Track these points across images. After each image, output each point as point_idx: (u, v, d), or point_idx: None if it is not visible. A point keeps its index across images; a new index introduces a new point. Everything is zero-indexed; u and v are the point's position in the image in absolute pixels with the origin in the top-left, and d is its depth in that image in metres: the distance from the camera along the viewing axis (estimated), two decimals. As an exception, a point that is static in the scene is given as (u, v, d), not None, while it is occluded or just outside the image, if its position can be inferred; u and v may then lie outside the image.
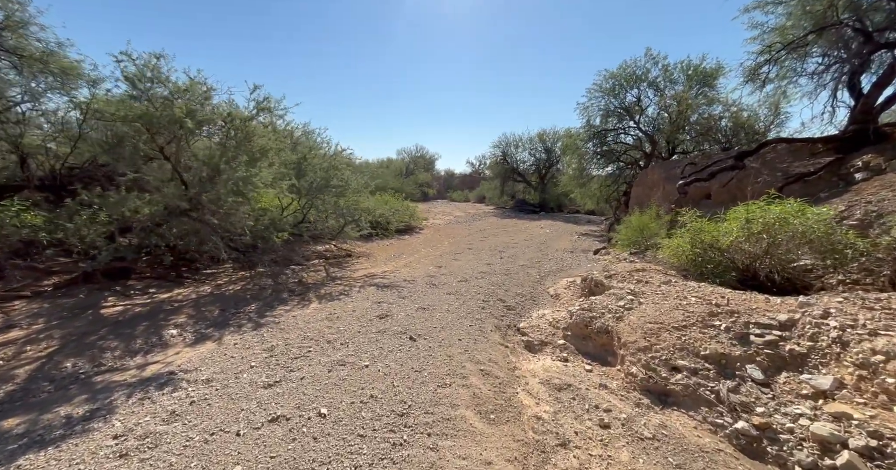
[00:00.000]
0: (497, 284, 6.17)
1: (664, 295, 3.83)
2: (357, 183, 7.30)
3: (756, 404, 2.36)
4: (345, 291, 5.59)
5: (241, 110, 4.66)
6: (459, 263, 7.79)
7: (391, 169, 31.51)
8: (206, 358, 3.23)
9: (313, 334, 3.88)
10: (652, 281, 4.30)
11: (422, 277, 6.51)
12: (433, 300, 5.17)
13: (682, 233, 4.81)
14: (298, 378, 2.93)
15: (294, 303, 5.00)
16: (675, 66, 12.21)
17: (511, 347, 3.95)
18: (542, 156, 24.79)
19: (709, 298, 3.49)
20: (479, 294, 5.51)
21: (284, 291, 5.51)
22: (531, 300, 5.54)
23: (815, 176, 6.52)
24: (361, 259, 8.18)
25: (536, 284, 6.49)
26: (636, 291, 4.09)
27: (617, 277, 4.70)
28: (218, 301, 4.81)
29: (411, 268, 7.36)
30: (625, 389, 2.97)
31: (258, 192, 4.81)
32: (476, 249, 9.66)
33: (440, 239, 11.68)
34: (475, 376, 3.06)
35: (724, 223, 4.67)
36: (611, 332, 3.61)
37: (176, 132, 4.20)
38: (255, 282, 5.72)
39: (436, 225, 15.93)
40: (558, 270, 7.64)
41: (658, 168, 10.56)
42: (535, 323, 4.51)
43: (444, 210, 22.91)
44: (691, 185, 8.03)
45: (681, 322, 3.23)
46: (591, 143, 14.63)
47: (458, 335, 3.94)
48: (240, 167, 4.35)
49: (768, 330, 2.84)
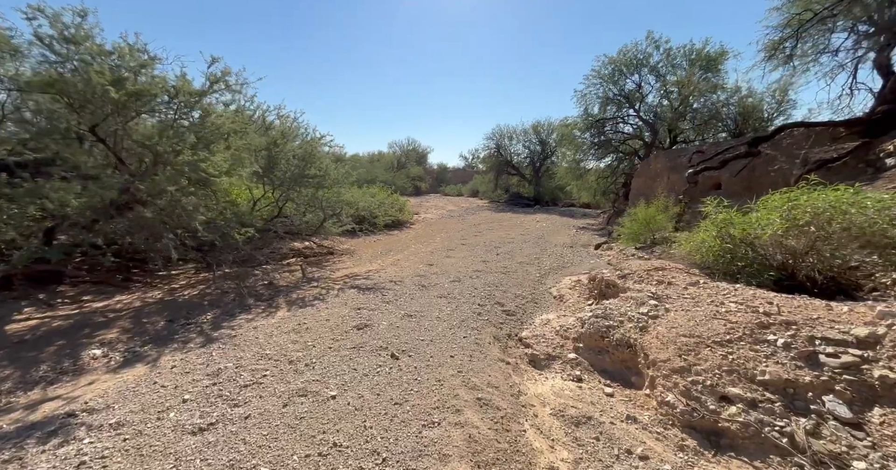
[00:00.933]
0: (494, 284, 5.53)
1: (694, 300, 3.22)
2: (337, 173, 6.56)
3: (851, 456, 1.75)
4: (320, 296, 4.89)
5: (191, 84, 3.90)
6: (452, 261, 7.13)
7: (382, 162, 30.66)
8: (128, 389, 2.53)
9: (274, 352, 3.19)
10: (675, 282, 3.69)
11: (410, 278, 5.84)
12: (422, 305, 4.51)
13: (706, 225, 4.19)
14: (242, 417, 2.25)
15: (259, 310, 4.30)
16: (677, 50, 11.59)
17: (513, 363, 3.31)
18: (537, 148, 24.13)
19: (753, 305, 2.88)
20: (474, 297, 4.86)
21: (250, 295, 4.79)
22: (532, 303, 4.91)
23: (839, 162, 5.96)
24: (344, 257, 7.47)
25: (537, 283, 5.86)
26: (659, 294, 3.47)
27: (632, 276, 4.09)
28: (167, 309, 4.08)
29: (399, 267, 6.68)
30: (660, 424, 2.35)
31: (216, 180, 4.08)
32: (470, 244, 9.01)
33: (432, 234, 11.00)
34: (471, 409, 2.41)
35: (753, 214, 4.07)
36: (634, 346, 2.99)
37: (105, 107, 3.44)
38: (218, 285, 4.99)
39: (428, 219, 15.24)
40: (559, 267, 7.03)
41: (662, 157, 9.98)
42: (539, 331, 3.88)
43: (437, 204, 22.20)
44: (700, 175, 7.44)
45: (724, 335, 2.61)
46: (589, 133, 14.00)
47: (451, 350, 3.29)
48: (185, 150, 3.61)
49: (842, 348, 2.23)
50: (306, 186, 6.61)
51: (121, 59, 3.58)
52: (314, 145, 6.27)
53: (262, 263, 5.98)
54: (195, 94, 3.93)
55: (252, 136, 5.09)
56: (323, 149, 7.85)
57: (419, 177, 32.26)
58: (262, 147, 5.70)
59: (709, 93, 10.72)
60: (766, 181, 6.84)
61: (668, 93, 12.06)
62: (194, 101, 3.97)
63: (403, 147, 37.36)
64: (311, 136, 6.77)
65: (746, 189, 7.22)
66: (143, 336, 3.41)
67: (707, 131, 12.36)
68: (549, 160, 23.77)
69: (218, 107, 4.91)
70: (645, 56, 11.90)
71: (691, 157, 8.46)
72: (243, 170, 4.48)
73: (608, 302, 3.77)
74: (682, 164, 9.16)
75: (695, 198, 7.87)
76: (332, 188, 6.66)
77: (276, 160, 5.97)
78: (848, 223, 3.12)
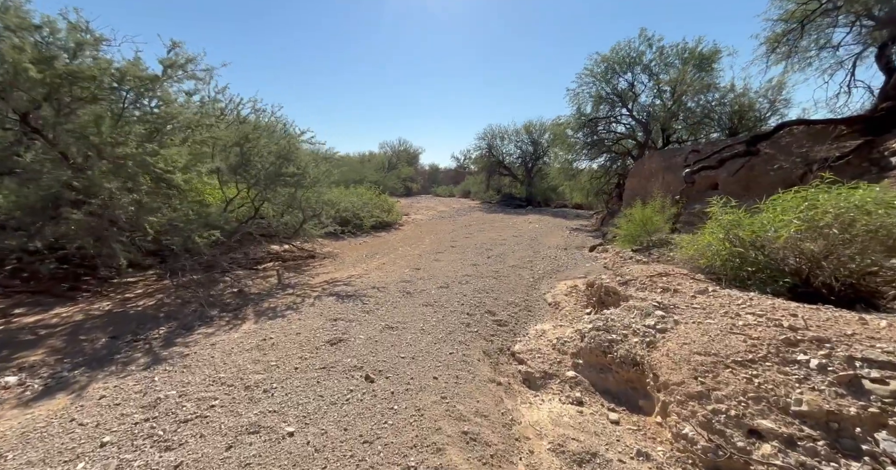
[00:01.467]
0: (484, 289, 5.15)
1: (706, 311, 2.88)
2: (317, 172, 6.12)
3: (924, 517, 1.41)
4: (294, 305, 4.46)
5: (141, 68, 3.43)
6: (441, 264, 6.74)
7: (373, 162, 30.13)
8: (35, 429, 2.08)
9: (229, 375, 2.76)
10: (682, 290, 3.36)
11: (395, 283, 5.43)
12: (405, 315, 4.10)
13: (711, 227, 3.88)
14: (171, 467, 1.83)
15: (222, 323, 3.85)
16: (670, 48, 11.41)
17: (505, 382, 2.93)
18: (529, 148, 23.88)
19: (774, 317, 2.55)
20: (462, 305, 4.47)
21: (215, 305, 4.33)
22: (526, 311, 4.55)
23: (842, 161, 5.74)
24: (326, 261, 7.02)
25: (530, 288, 5.50)
26: (665, 303, 3.13)
27: (634, 283, 3.75)
28: (113, 323, 3.60)
29: (384, 271, 6.27)
30: (679, 464, 1.99)
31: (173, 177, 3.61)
32: (460, 247, 8.62)
33: (421, 236, 10.60)
34: (455, 446, 2.02)
35: (761, 215, 3.77)
36: (641, 363, 2.64)
37: (34, 91, 2.96)
38: (180, 293, 4.51)
39: (417, 221, 14.83)
40: (553, 270, 6.69)
41: (657, 157, 9.74)
42: (533, 345, 3.51)
43: (428, 205, 21.79)
44: (697, 174, 7.19)
45: (745, 354, 2.27)
46: (582, 133, 13.76)
47: (434, 369, 2.89)
48: (129, 143, 3.15)
49: (890, 372, 1.90)
50: (284, 186, 6.16)
51: (52, 35, 3.11)
52: (291, 141, 5.82)
53: (232, 269, 5.51)
54: (146, 81, 3.47)
55: (217, 129, 4.63)
56: (304, 146, 7.43)
57: (410, 177, 31.82)
58: (233, 142, 5.24)
59: (702, 92, 10.54)
60: (766, 181, 6.61)
61: (661, 92, 11.88)
62: (146, 88, 3.51)
63: (395, 147, 36.86)
64: (290, 131, 6.32)
65: (745, 189, 6.99)
66: (76, 357, 2.94)
67: (700, 131, 12.20)
68: (540, 160, 23.55)
69: (181, 97, 4.45)
70: (638, 54, 11.70)
71: (687, 156, 8.22)
72: (203, 166, 4.03)
73: (609, 312, 3.42)
74: (677, 164, 8.93)
75: (692, 198, 7.63)
76: (311, 188, 6.22)
77: (249, 157, 5.51)
78: (874, 225, 2.82)
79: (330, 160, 7.11)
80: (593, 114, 13.37)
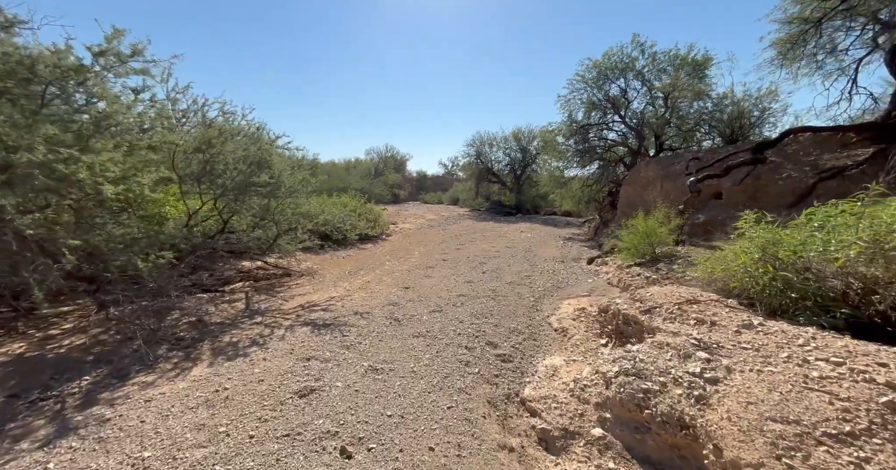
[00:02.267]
0: (482, 313, 4.57)
1: (761, 354, 2.37)
2: (292, 181, 5.47)
3: None
4: (261, 338, 3.77)
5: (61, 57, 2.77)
6: (432, 282, 6.13)
7: (359, 169, 29.40)
8: None
9: (158, 453, 2.08)
10: (720, 322, 2.85)
11: (381, 307, 4.79)
12: (393, 350, 3.48)
13: (743, 245, 3.41)
14: None
15: (168, 366, 3.14)
16: (662, 54, 11.24)
17: (518, 446, 2.34)
18: (518, 155, 23.64)
19: (858, 367, 2.05)
20: (459, 335, 3.87)
21: (165, 340, 3.61)
22: (531, 340, 3.98)
23: (856, 170, 5.43)
24: (304, 280, 6.32)
25: (532, 310, 4.95)
26: (706, 342, 2.61)
27: (660, 311, 3.23)
28: (19, 373, 2.86)
29: (369, 291, 5.62)
30: None
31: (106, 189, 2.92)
32: (452, 260, 8.04)
33: (410, 247, 9.97)
34: None
35: (795, 230, 3.33)
36: (692, 426, 2.09)
37: None
38: (123, 327, 3.77)
39: (406, 230, 14.20)
40: (554, 287, 6.17)
41: (654, 164, 9.43)
42: (546, 389, 2.94)
43: (416, 213, 21.21)
44: (702, 183, 6.83)
45: (838, 423, 1.74)
46: (574, 140, 13.46)
47: (430, 434, 2.28)
48: (38, 146, 2.47)
49: None
50: (255, 196, 5.47)
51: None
52: (261, 146, 5.16)
53: (192, 292, 4.77)
54: (69, 71, 2.81)
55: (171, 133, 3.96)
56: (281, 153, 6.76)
57: (398, 184, 31.25)
58: (193, 148, 4.56)
59: (696, 98, 10.36)
60: (774, 190, 6.28)
61: (654, 98, 11.68)
62: (71, 80, 2.85)
63: (381, 154, 36.28)
64: (262, 136, 5.67)
65: (751, 198, 6.66)
66: (-51, 432, 2.21)
67: (692, 138, 12.04)
68: (529, 168, 23.31)
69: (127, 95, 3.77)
70: (630, 60, 11.49)
71: (688, 164, 7.90)
72: (146, 176, 3.34)
73: (636, 349, 2.87)
74: (676, 172, 8.61)
75: (695, 208, 7.26)
76: (287, 198, 5.56)
77: (214, 164, 4.83)
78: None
79: (307, 168, 6.46)
80: (585, 120, 13.10)
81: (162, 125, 4.65)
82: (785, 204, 6.02)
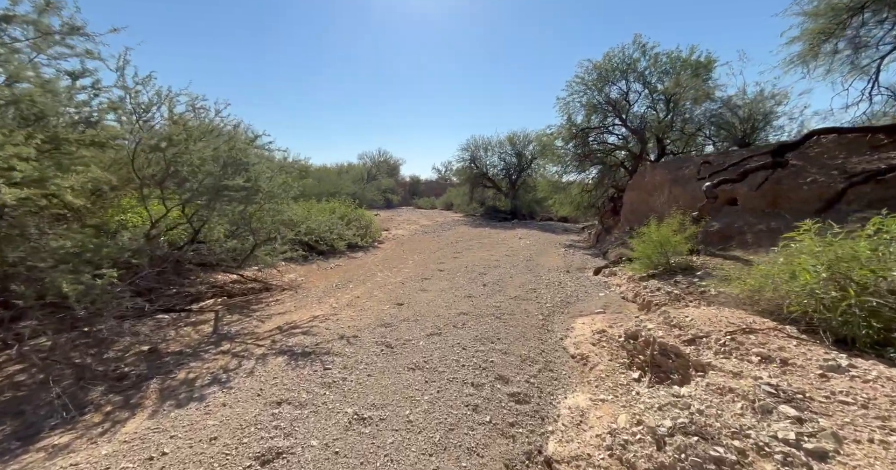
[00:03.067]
0: (488, 337, 3.97)
1: (873, 414, 1.81)
2: (271, 185, 4.84)
3: None
4: (223, 373, 3.13)
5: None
6: (429, 297, 5.53)
7: (351, 174, 28.76)
8: None
9: None
10: (794, 360, 2.30)
11: (371, 329, 4.17)
12: (384, 390, 2.86)
13: (804, 261, 2.87)
14: None
15: (99, 416, 2.48)
16: (664, 54, 10.89)
17: (552, 541, 1.74)
18: (513, 160, 23.24)
19: None
20: (463, 366, 3.27)
21: (105, 377, 2.94)
22: (547, 371, 3.39)
23: (891, 174, 5.00)
24: (285, 295, 5.66)
25: (543, 331, 4.37)
26: (787, 390, 2.05)
27: (707, 342, 2.68)
28: None
29: (358, 308, 4.99)
30: None
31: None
32: (449, 270, 7.45)
33: (403, 256, 9.35)
34: None
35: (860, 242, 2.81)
36: (798, 523, 1.51)
37: None
38: (58, 358, 3.08)
39: (399, 237, 13.57)
40: (563, 302, 5.60)
41: (661, 168, 8.99)
42: (576, 445, 2.35)
43: (410, 218, 20.61)
44: (718, 188, 6.37)
45: None
46: (573, 143, 13.03)
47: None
48: None
49: None
50: (228, 202, 4.83)
51: None
52: (234, 144, 4.53)
53: (150, 313, 4.10)
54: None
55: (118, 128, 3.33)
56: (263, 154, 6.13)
57: (390, 189, 30.67)
58: (151, 146, 3.92)
59: (702, 100, 10.00)
60: (798, 196, 5.83)
61: (656, 101, 11.32)
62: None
63: (374, 158, 35.78)
64: (238, 134, 5.04)
65: (772, 205, 6.21)
66: None
67: (694, 141, 11.69)
68: (525, 173, 22.91)
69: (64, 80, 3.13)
70: (632, 62, 11.13)
71: (700, 168, 7.45)
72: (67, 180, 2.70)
73: (686, 392, 2.30)
74: (686, 177, 8.17)
75: (710, 215, 6.79)
76: (264, 204, 4.92)
77: (177, 165, 4.19)
78: None
79: (290, 170, 5.83)
80: (585, 124, 12.69)
81: (120, 120, 4.04)
82: (811, 210, 5.57)
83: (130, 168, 4.31)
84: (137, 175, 4.37)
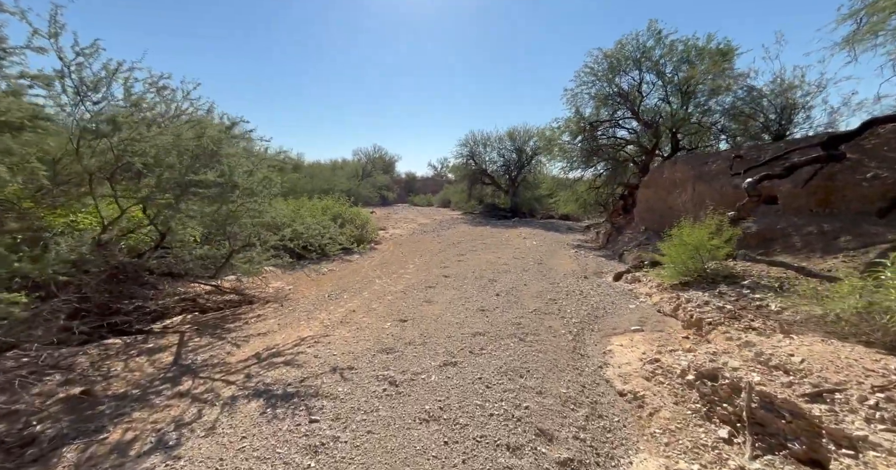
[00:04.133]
0: (514, 367, 3.21)
1: None
2: (249, 181, 4.02)
3: None
4: (175, 431, 2.34)
5: None
6: (436, 310, 4.76)
7: (346, 170, 27.82)
8: None
9: None
10: None
11: (369, 357, 3.40)
12: (389, 456, 2.10)
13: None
14: None
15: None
16: (681, 42, 10.16)
17: None
18: (513, 156, 22.46)
19: None
20: (491, 415, 2.51)
21: (1, 443, 2.14)
22: (596, 417, 2.65)
23: (972, 169, 4.32)
24: (268, 309, 4.85)
25: (576, 356, 3.64)
26: None
27: (846, 400, 1.94)
28: None
29: (353, 326, 4.21)
30: None
31: None
32: (455, 276, 6.69)
33: (403, 259, 8.57)
34: None
35: None
36: None
37: None
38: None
39: (396, 236, 12.78)
40: (591, 316, 4.88)
41: (682, 164, 8.28)
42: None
43: (407, 216, 19.81)
44: (760, 185, 5.67)
45: None
46: (581, 137, 12.30)
47: None
48: None
49: None
50: (198, 201, 4.02)
51: None
52: (203, 131, 3.71)
53: (95, 339, 3.29)
54: None
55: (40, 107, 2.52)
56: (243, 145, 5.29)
57: (386, 186, 29.78)
58: (92, 131, 3.10)
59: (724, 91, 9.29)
60: (856, 193, 5.15)
61: (670, 93, 10.60)
62: None
63: (369, 155, 34.77)
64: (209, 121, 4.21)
65: (821, 203, 5.52)
66: None
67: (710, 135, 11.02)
68: (525, 169, 22.16)
69: None
70: (646, 50, 10.38)
71: (732, 162, 6.75)
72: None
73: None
74: (712, 172, 7.46)
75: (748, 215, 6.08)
76: (241, 203, 4.11)
77: (130, 156, 3.36)
78: None
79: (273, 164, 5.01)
80: (594, 116, 11.96)
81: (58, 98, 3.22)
82: (873, 210, 4.89)
83: (75, 158, 3.49)
84: (84, 167, 3.54)
